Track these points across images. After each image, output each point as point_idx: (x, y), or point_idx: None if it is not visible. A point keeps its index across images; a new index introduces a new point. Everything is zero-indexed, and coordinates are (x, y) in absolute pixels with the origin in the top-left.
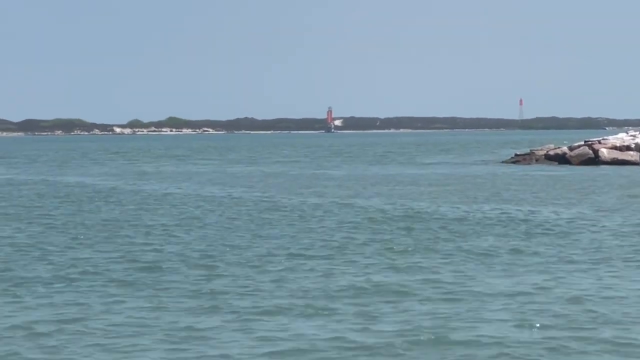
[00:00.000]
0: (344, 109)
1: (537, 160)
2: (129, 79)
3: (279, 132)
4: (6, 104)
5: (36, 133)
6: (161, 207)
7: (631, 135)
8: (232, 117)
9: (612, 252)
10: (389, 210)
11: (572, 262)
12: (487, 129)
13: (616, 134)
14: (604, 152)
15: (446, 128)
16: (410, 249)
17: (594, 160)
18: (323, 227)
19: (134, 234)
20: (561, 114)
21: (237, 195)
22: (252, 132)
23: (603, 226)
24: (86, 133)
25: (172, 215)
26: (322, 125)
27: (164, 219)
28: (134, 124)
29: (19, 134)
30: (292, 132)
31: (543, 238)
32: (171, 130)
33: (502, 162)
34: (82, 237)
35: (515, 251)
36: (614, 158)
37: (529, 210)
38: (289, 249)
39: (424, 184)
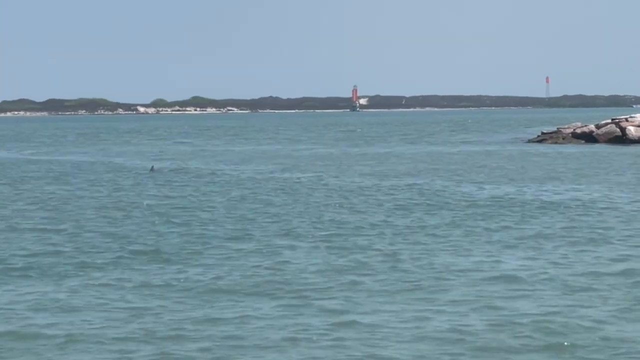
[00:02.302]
0: (369, 88)
1: (564, 138)
2: (152, 58)
3: (303, 111)
4: (30, 83)
5: (60, 113)
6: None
7: None
8: (256, 96)
9: None
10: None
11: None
12: (513, 107)
13: None
14: (632, 130)
15: (472, 106)
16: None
17: (621, 138)
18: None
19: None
20: (588, 92)
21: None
22: (276, 111)
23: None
24: (110, 112)
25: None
26: (347, 104)
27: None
28: (158, 104)
29: (43, 113)
30: (316, 111)
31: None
32: (195, 110)
33: (529, 140)
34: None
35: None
36: None
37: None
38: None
39: (448, 162)
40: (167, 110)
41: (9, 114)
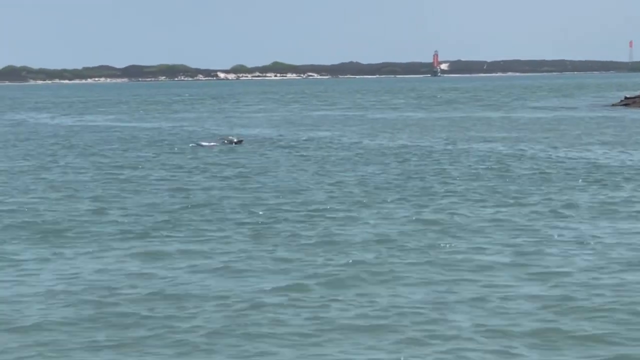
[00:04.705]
0: (450, 53)
1: None
2: (233, 24)
3: (384, 76)
4: (111, 50)
5: (140, 79)
6: None
7: None
8: (336, 61)
9: None
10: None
11: None
12: (595, 72)
13: None
14: None
15: (554, 71)
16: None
17: None
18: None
19: None
20: None
21: None
22: (356, 76)
23: None
24: (190, 79)
25: None
26: (428, 69)
27: None
28: (238, 70)
29: (123, 79)
30: (397, 76)
31: None
32: (275, 76)
33: (612, 105)
34: None
35: None
36: None
37: None
38: None
39: (536, 129)
40: (247, 76)
41: (89, 80)
